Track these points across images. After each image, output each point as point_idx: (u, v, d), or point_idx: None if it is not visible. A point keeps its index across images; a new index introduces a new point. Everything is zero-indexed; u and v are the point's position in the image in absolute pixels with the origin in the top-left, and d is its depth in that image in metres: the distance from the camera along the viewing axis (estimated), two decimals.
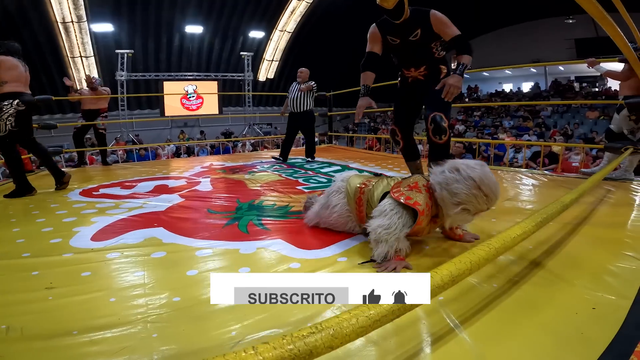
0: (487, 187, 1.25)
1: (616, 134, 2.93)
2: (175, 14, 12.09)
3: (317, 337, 0.42)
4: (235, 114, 15.01)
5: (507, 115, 13.90)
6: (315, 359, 0.43)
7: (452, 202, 1.28)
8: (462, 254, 0.68)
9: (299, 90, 4.32)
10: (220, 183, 3.09)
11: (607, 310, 1.02)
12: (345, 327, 0.45)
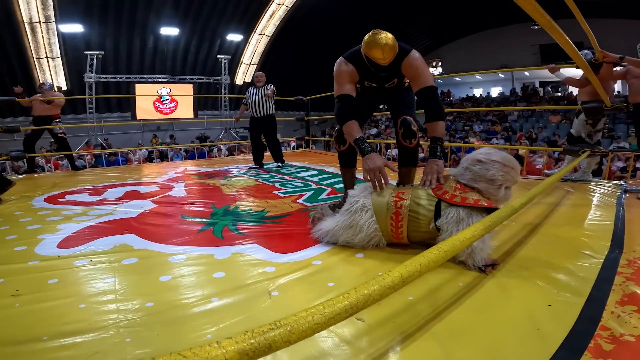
0: (509, 162, 1.45)
1: (576, 137, 3.13)
2: (150, 16, 11.81)
3: (276, 333, 0.46)
4: (211, 117, 14.79)
5: (477, 120, 14.45)
6: (275, 352, 0.46)
7: (494, 187, 1.43)
8: (413, 257, 0.72)
9: (264, 95, 4.29)
10: (195, 188, 3.04)
11: (562, 307, 1.08)
12: (302, 323, 0.48)
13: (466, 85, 20.16)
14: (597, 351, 0.88)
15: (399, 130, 1.99)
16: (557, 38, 1.21)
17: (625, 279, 1.24)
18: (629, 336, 0.93)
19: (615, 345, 0.90)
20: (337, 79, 1.86)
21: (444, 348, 0.89)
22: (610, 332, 0.95)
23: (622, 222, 1.89)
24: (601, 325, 0.98)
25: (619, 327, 0.97)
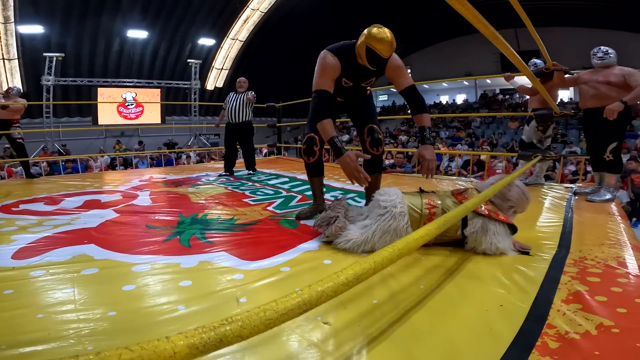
0: (528, 192, 1.68)
1: (527, 143, 3.35)
2: (117, 18, 11.37)
3: (227, 328, 0.46)
4: (179, 123, 14.39)
5: (443, 126, 15.04)
6: (227, 347, 0.47)
7: (506, 206, 1.63)
8: (368, 256, 0.74)
9: (242, 101, 4.25)
10: (161, 197, 2.95)
11: (513, 306, 1.14)
12: (254, 319, 0.49)
13: (434, 92, 20.97)
14: (544, 349, 0.92)
15: (366, 138, 2.07)
16: (502, 48, 1.30)
17: (571, 278, 1.32)
18: (574, 334, 0.98)
19: (561, 343, 0.94)
20: (321, 71, 1.84)
21: (405, 350, 0.93)
22: (557, 330, 1.00)
23: (570, 224, 2.04)
24: (548, 324, 1.03)
25: (564, 325, 1.02)
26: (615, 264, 1.44)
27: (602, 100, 2.67)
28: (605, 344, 0.93)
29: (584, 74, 2.89)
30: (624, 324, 1.01)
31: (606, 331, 0.99)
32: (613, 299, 1.16)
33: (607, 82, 2.66)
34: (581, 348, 0.92)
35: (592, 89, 2.75)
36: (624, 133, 2.78)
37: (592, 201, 2.63)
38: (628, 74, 2.62)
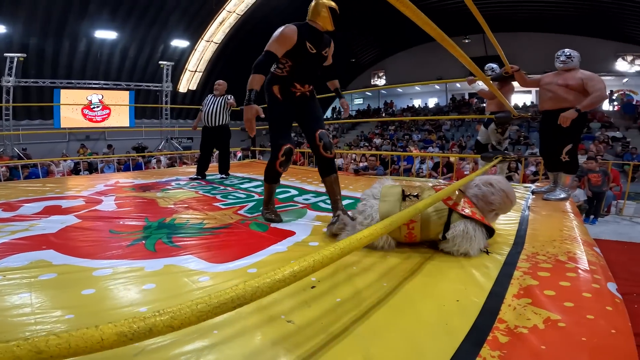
0: (511, 195, 1.69)
1: (483, 144, 3.50)
2: (84, 18, 10.90)
3: (158, 319, 0.47)
4: (150, 127, 13.94)
5: (416, 129, 15.45)
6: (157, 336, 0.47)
7: (488, 209, 1.68)
8: (308, 254, 0.76)
9: (221, 105, 4.21)
10: (127, 202, 2.86)
11: (468, 301, 1.18)
12: (185, 312, 0.50)
13: (407, 96, 21.48)
14: (494, 343, 0.95)
15: (319, 143, 2.19)
16: (453, 52, 1.38)
17: (523, 273, 1.39)
18: (523, 328, 1.01)
19: (510, 338, 0.97)
20: (277, 38, 2.04)
21: (365, 347, 0.95)
22: (507, 325, 1.03)
23: (526, 222, 2.16)
24: (499, 319, 1.07)
25: (514, 319, 1.06)
26: (565, 259, 1.52)
27: (559, 103, 2.75)
28: (551, 338, 0.96)
29: (545, 76, 2.94)
30: (570, 318, 1.05)
31: (553, 325, 1.02)
32: (561, 293, 1.21)
33: (566, 85, 2.72)
34: (528, 342, 0.95)
35: (550, 91, 2.82)
36: (579, 135, 2.89)
37: (548, 200, 2.79)
38: (587, 79, 2.66)
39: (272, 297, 1.21)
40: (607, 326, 1.01)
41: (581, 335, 0.97)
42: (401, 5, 0.84)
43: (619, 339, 0.97)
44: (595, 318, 1.05)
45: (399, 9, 0.87)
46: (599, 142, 10.49)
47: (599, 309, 1.11)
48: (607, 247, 4.71)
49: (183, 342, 0.95)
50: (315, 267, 0.72)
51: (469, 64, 1.59)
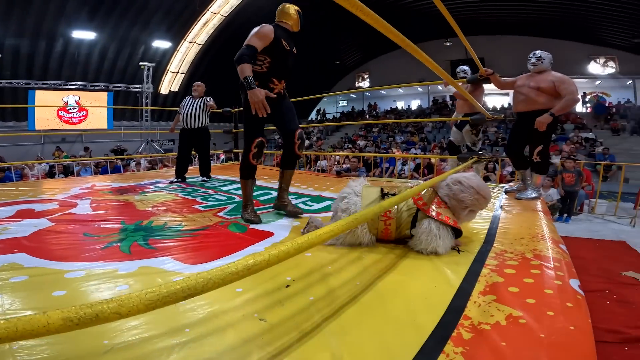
0: (483, 191, 1.70)
1: (456, 146, 3.60)
2: (61, 18, 10.58)
3: (105, 306, 0.48)
4: (129, 129, 13.63)
5: (399, 131, 15.67)
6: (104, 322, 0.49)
7: (461, 207, 1.70)
8: (269, 249, 0.78)
9: (200, 106, 4.18)
10: (103, 205, 2.81)
11: (436, 299, 1.20)
12: (133, 300, 0.51)
13: (390, 98, 21.75)
14: (458, 340, 0.97)
15: (296, 141, 2.38)
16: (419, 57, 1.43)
17: (490, 271, 1.43)
18: (486, 325, 1.03)
19: (474, 334, 0.99)
20: (256, 34, 2.17)
21: (335, 343, 0.97)
22: (471, 322, 1.05)
23: (498, 220, 2.23)
24: (464, 315, 1.09)
25: (478, 316, 1.08)
26: (532, 256, 1.57)
27: (532, 105, 2.83)
28: (512, 335, 0.98)
29: (519, 78, 3.01)
30: (531, 315, 1.08)
31: (514, 322, 1.05)
32: (524, 290, 1.24)
33: (538, 87, 2.79)
34: (490, 339, 0.97)
35: (523, 94, 2.89)
36: (550, 137, 2.97)
37: (520, 199, 2.90)
38: (559, 81, 2.70)
39: (246, 296, 1.23)
40: (566, 322, 1.04)
41: (540, 331, 0.99)
42: (362, 13, 0.88)
43: (577, 336, 0.99)
44: (555, 314, 1.08)
45: (359, 16, 0.90)
46: (572, 143, 10.90)
47: (559, 305, 1.14)
48: (580, 244, 4.92)
49: (154, 340, 0.96)
50: (270, 261, 0.73)
51: (435, 68, 1.65)
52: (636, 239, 5.11)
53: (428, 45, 17.16)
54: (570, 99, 2.68)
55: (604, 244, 4.94)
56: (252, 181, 2.43)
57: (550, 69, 2.86)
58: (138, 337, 0.97)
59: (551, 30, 14.69)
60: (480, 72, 3.27)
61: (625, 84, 15.59)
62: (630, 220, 6.03)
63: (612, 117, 13.67)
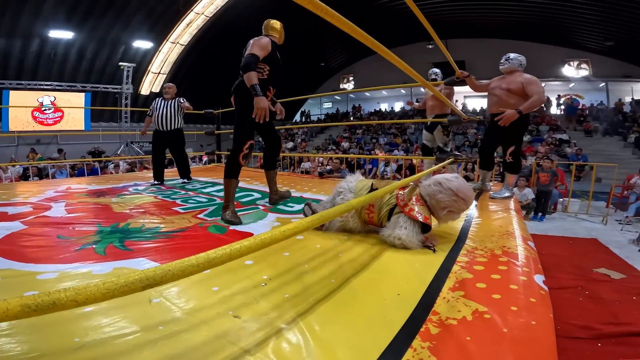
0: (462, 193, 1.75)
1: (430, 148, 3.71)
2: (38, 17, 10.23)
3: (62, 294, 0.50)
4: (108, 130, 13.28)
5: (382, 133, 15.85)
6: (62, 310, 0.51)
7: (439, 207, 1.77)
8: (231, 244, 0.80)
9: (174, 108, 4.12)
10: (78, 208, 2.75)
11: (408, 295, 1.23)
12: (91, 289, 0.53)
13: (374, 100, 21.94)
14: (426, 335, 1.00)
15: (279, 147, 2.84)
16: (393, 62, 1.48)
17: (461, 267, 1.47)
18: (452, 320, 1.06)
19: (441, 329, 1.02)
20: (258, 45, 2.38)
21: (306, 339, 0.99)
22: (439, 317, 1.08)
23: (471, 219, 2.31)
24: (433, 311, 1.12)
25: (446, 311, 1.11)
26: (500, 253, 1.62)
27: (503, 106, 2.91)
28: (476, 329, 1.02)
29: (492, 81, 3.11)
30: (496, 310, 1.11)
31: (480, 317, 1.08)
32: (491, 286, 1.28)
33: (508, 89, 2.89)
34: (456, 333, 1.00)
35: (495, 95, 2.99)
36: (521, 137, 3.07)
37: (494, 198, 3.00)
38: (527, 82, 2.79)
39: (222, 294, 1.24)
40: (528, 317, 1.07)
41: (504, 326, 1.03)
42: (326, 15, 0.91)
43: (538, 330, 1.02)
44: (518, 309, 1.12)
45: (326, 19, 0.94)
46: (547, 144, 11.29)
47: (523, 300, 1.18)
48: (553, 242, 5.11)
49: (126, 337, 0.97)
50: (232, 255, 0.75)
51: (410, 71, 1.70)
52: (608, 236, 5.35)
53: (411, 47, 17.46)
54: (536, 99, 2.78)
55: (576, 242, 5.14)
56: (235, 181, 2.48)
57: (522, 71, 2.95)
58: (109, 334, 0.98)
59: (529, 34, 15.19)
60: (457, 74, 3.37)
61: (598, 87, 16.27)
62: (602, 219, 6.30)
63: (585, 119, 14.24)
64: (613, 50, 14.36)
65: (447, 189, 1.76)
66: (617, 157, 10.86)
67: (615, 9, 11.39)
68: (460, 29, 15.74)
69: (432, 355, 0.92)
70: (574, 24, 13.47)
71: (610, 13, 11.74)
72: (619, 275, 3.71)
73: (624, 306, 3.01)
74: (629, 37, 12.70)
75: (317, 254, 1.68)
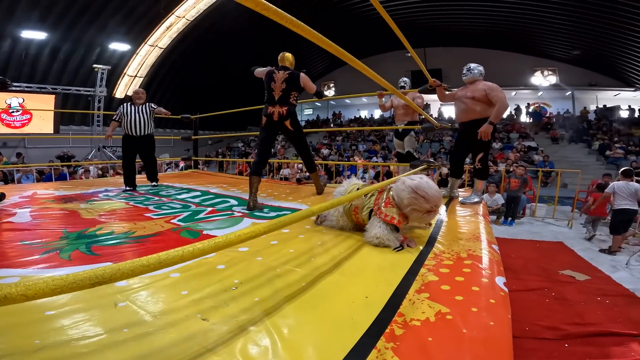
0: (422, 191, 1.80)
1: (403, 154, 3.84)
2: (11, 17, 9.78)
3: (13, 289, 0.51)
4: (78, 134, 12.79)
5: (362, 140, 16.05)
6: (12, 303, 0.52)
7: (403, 205, 1.85)
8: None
9: (146, 113, 4.08)
10: (44, 213, 2.65)
11: (376, 297, 1.24)
12: (40, 285, 0.54)
13: (354, 107, 22.19)
14: (390, 336, 1.02)
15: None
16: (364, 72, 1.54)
17: (428, 270, 1.50)
18: (416, 321, 1.09)
19: (405, 330, 1.04)
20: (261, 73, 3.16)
21: (273, 340, 1.01)
22: (404, 318, 1.10)
23: (441, 223, 2.39)
24: (399, 312, 1.14)
25: (411, 313, 1.13)
26: (465, 256, 1.67)
27: (470, 114, 3.05)
28: (438, 330, 1.05)
29: (458, 90, 3.24)
30: (457, 311, 1.14)
31: (442, 318, 1.11)
32: (455, 287, 1.32)
33: (472, 97, 3.02)
34: (419, 334, 1.03)
35: (462, 104, 3.11)
36: (489, 144, 3.18)
37: (464, 203, 3.11)
38: (489, 89, 2.91)
39: (191, 298, 1.24)
40: (487, 318, 1.11)
41: (463, 327, 1.06)
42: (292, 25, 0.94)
43: (495, 331, 1.05)
44: (478, 310, 1.16)
45: (292, 29, 0.97)
46: (517, 151, 11.78)
47: (483, 301, 1.22)
48: (521, 246, 5.33)
49: (89, 338, 0.96)
50: (184, 257, 0.76)
51: (381, 81, 1.77)
52: (572, 239, 5.63)
53: (390, 55, 17.87)
54: (501, 105, 2.91)
55: (543, 245, 5.38)
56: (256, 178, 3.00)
57: (482, 79, 3.09)
58: (72, 337, 0.97)
59: (501, 43, 15.84)
60: (430, 82, 3.49)
61: (565, 95, 17.14)
62: (567, 222, 6.62)
63: (552, 127, 14.96)
64: (579, 59, 15.12)
65: (407, 187, 1.84)
66: (582, 164, 11.43)
67: (582, 19, 11.96)
68: (437, 37, 16.22)
69: (395, 356, 0.94)
70: (542, 33, 14.08)
71: (577, 23, 12.30)
72: (583, 276, 3.90)
73: (589, 307, 3.16)
74: (595, 46, 13.39)
75: (290, 258, 1.70)
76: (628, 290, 3.52)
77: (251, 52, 14.78)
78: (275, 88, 3.03)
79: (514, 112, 17.06)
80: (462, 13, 14.26)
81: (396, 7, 13.81)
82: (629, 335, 2.68)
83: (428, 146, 13.80)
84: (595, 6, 10.92)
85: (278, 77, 3.03)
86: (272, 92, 3.04)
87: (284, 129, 3.11)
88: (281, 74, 3.04)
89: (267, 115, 3.04)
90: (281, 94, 3.02)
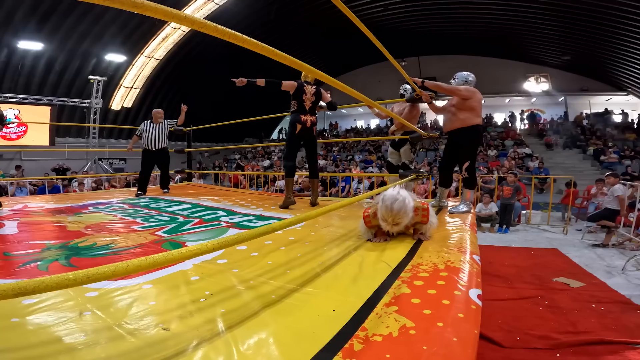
0: (391, 204, 1.91)
1: (394, 165, 3.84)
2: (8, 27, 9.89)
3: None
4: (75, 146, 12.78)
5: (358, 150, 16.10)
6: None
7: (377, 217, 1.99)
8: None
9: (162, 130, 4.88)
10: (30, 225, 2.67)
11: (343, 310, 1.20)
12: None
13: (351, 117, 22.30)
14: (349, 351, 0.97)
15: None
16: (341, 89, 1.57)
17: (402, 282, 1.44)
18: (378, 336, 1.04)
19: (364, 345, 1.00)
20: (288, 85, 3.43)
21: (229, 351, 1.00)
22: (366, 333, 1.06)
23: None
24: (362, 327, 1.10)
25: (375, 327, 1.09)
26: (443, 267, 1.61)
27: (454, 123, 3.06)
28: (398, 346, 1.00)
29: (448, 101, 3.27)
30: (422, 326, 1.09)
31: (405, 332, 1.06)
32: (425, 301, 1.26)
33: (453, 104, 3.06)
34: (377, 350, 0.98)
35: (448, 113, 3.14)
36: (474, 153, 3.23)
37: (453, 213, 3.11)
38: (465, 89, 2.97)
39: (156, 308, 1.25)
40: (451, 334, 1.06)
41: (424, 343, 1.01)
42: (256, 47, 0.98)
43: (456, 348, 1.00)
44: (444, 325, 1.10)
45: (257, 51, 1.00)
46: (512, 159, 11.82)
47: (451, 316, 1.17)
48: (515, 253, 5.31)
49: (45, 344, 0.98)
50: (116, 272, 0.78)
51: (362, 97, 1.80)
52: (567, 245, 5.62)
53: (384, 65, 18.01)
54: (451, 88, 3.03)
55: (537, 252, 5.35)
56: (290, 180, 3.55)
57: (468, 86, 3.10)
58: (29, 342, 1.00)
59: (493, 50, 16.01)
60: (417, 92, 3.53)
61: (557, 101, 17.28)
62: (562, 229, 6.62)
63: (546, 133, 15.03)
64: (570, 64, 15.25)
65: (381, 200, 1.99)
66: (577, 169, 11.47)
67: (572, 24, 12.09)
68: (431, 46, 16.40)
69: None
70: (533, 38, 14.22)
71: (566, 28, 12.43)
72: (578, 283, 3.87)
73: (582, 314, 3.11)
74: (585, 51, 13.51)
75: (267, 270, 1.70)
76: (623, 297, 3.47)
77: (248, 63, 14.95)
78: (306, 99, 3.51)
79: (508, 119, 17.18)
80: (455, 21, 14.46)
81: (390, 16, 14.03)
82: (624, 343, 2.64)
83: (424, 155, 13.85)
84: (585, 11, 11.07)
85: (308, 91, 3.51)
86: (303, 103, 3.49)
87: (310, 135, 3.57)
88: (310, 88, 3.53)
89: (302, 123, 3.48)
90: (311, 105, 3.54)
